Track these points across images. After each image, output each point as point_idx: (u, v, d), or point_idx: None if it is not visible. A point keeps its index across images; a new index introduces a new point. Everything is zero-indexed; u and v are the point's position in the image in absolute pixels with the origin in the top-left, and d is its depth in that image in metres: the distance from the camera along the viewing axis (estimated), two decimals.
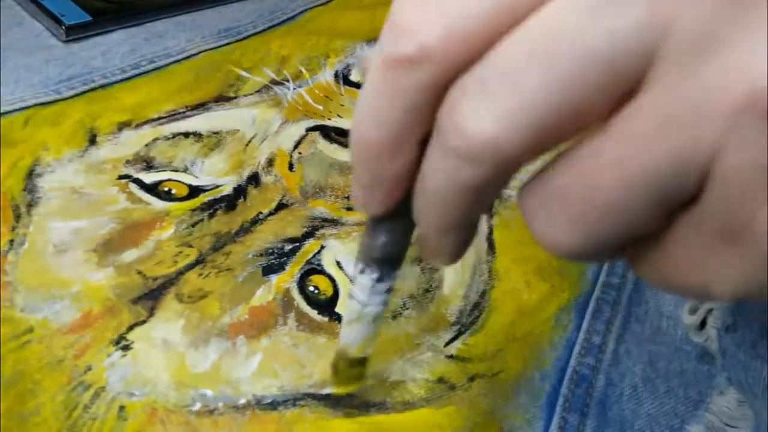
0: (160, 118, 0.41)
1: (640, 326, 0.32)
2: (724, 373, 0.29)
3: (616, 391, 0.30)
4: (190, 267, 0.32)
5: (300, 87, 0.46)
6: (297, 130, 0.42)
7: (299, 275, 0.33)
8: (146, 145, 0.39)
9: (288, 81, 0.47)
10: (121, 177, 0.37)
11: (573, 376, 0.30)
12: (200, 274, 0.32)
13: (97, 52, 0.47)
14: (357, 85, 0.47)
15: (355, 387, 0.29)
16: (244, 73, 0.47)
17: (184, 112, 0.42)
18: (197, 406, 0.27)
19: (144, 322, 0.30)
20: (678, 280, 0.16)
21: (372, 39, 0.51)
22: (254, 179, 0.38)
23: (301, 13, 0.55)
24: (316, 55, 0.49)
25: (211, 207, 0.36)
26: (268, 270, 0.33)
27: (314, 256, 0.34)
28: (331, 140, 0.42)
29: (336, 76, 0.48)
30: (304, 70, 0.48)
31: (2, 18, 0.49)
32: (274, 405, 0.28)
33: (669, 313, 0.33)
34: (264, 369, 0.29)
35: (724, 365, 0.29)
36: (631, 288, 0.34)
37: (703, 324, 0.31)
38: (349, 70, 0.48)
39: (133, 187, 0.36)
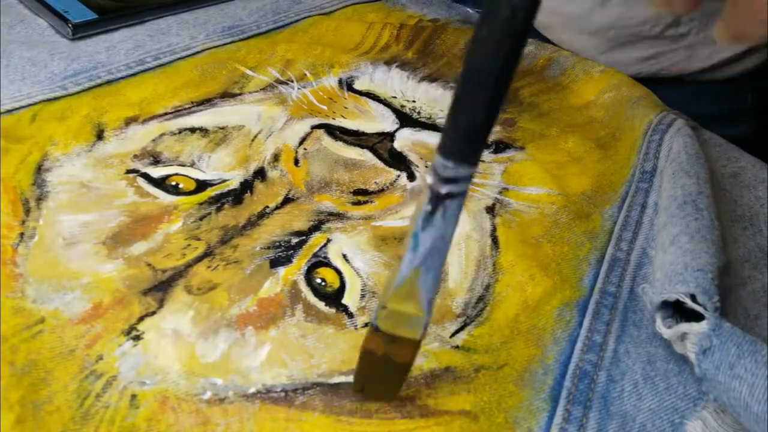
0: (166, 114, 0.41)
1: (637, 330, 0.33)
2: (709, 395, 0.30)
3: (617, 387, 0.30)
4: (199, 259, 0.32)
5: (304, 88, 0.47)
6: (302, 127, 0.43)
7: (306, 268, 0.33)
8: (153, 140, 0.39)
9: (292, 81, 0.47)
10: (128, 171, 0.37)
11: (576, 371, 0.31)
12: (209, 267, 0.32)
13: (101, 48, 0.47)
14: (360, 93, 0.47)
15: None
16: (249, 72, 0.47)
17: (190, 108, 0.42)
18: (208, 395, 0.27)
19: (154, 313, 0.30)
20: None
21: (376, 60, 0.51)
22: (260, 174, 0.38)
23: (303, 18, 0.55)
24: (321, 63, 0.49)
25: (218, 201, 0.36)
26: (276, 262, 0.33)
27: (321, 249, 0.34)
28: (336, 138, 0.42)
29: (340, 82, 0.48)
30: (308, 74, 0.48)
31: (5, 16, 0.49)
32: (283, 394, 0.28)
33: None
34: (273, 359, 0.29)
35: (706, 388, 0.30)
36: (626, 296, 0.34)
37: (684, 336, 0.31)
38: (353, 80, 0.49)
39: (141, 182, 0.36)
